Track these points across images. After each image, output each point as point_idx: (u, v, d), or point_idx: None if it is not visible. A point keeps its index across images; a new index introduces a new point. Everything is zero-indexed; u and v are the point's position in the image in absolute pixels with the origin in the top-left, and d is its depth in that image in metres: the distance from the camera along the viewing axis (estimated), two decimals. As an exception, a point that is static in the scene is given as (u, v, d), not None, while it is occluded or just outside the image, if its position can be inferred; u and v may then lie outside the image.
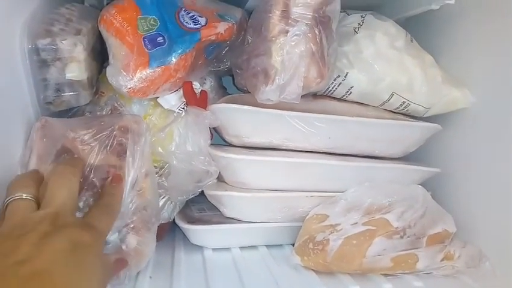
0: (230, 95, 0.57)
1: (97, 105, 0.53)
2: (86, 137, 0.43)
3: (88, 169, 0.42)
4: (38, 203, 0.34)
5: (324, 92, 0.56)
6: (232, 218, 0.54)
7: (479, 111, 0.54)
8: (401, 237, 0.48)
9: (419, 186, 0.53)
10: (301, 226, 0.52)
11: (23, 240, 0.29)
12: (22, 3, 0.44)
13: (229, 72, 0.58)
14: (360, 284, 0.47)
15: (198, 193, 0.52)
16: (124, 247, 0.42)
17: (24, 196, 0.33)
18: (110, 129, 0.44)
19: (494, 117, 0.52)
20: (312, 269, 0.49)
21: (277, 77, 0.45)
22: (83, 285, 0.30)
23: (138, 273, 0.47)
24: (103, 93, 0.53)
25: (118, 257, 0.42)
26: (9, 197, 0.34)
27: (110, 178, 0.41)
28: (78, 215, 0.40)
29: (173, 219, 0.55)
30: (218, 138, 0.56)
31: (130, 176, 0.42)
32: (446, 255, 0.49)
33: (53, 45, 0.46)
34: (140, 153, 0.44)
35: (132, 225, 0.43)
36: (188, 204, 0.60)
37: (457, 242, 0.51)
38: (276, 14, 0.46)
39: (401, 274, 0.48)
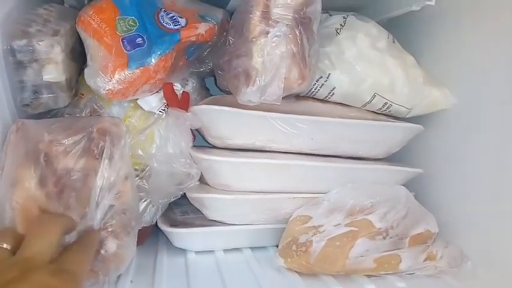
0: (213, 97, 0.56)
1: (76, 107, 0.52)
2: (63, 140, 0.43)
3: (65, 172, 0.42)
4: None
5: (306, 94, 0.56)
6: (215, 221, 0.53)
7: (460, 112, 0.55)
8: (384, 238, 0.48)
9: (402, 187, 0.53)
10: (285, 228, 0.52)
11: None
12: (-3, 3, 0.44)
13: (212, 74, 0.58)
14: (343, 285, 0.47)
15: (179, 196, 0.51)
16: (103, 252, 0.42)
17: (3, 245, 0.32)
18: (88, 131, 0.43)
19: (474, 117, 0.53)
20: (296, 271, 0.49)
21: (258, 78, 0.45)
22: None
23: (119, 277, 0.46)
24: (83, 95, 0.52)
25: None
26: None
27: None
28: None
29: (156, 222, 0.55)
30: (201, 140, 0.56)
31: (104, 178, 0.41)
32: (428, 256, 0.49)
33: (30, 47, 0.45)
34: (119, 156, 0.43)
35: (111, 229, 0.42)
36: (171, 207, 0.59)
37: (439, 242, 0.51)
38: (256, 14, 0.46)
39: (384, 275, 0.48)
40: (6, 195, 0.41)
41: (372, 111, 0.57)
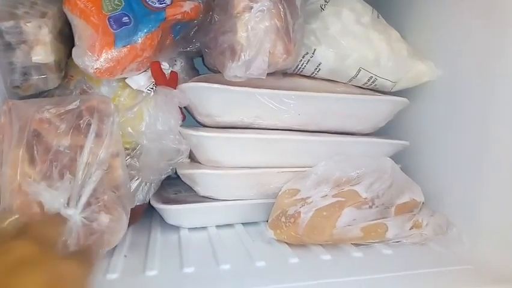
0: (202, 75, 0.57)
1: (66, 89, 0.53)
2: (53, 118, 0.44)
3: (55, 149, 0.43)
4: None
5: (294, 71, 0.57)
6: (206, 197, 0.54)
7: (444, 84, 0.55)
8: (370, 207, 0.49)
9: (388, 158, 0.54)
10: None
11: None
12: (-17, -15, 0.44)
13: (200, 54, 0.58)
14: (331, 254, 0.48)
15: (170, 172, 0.52)
16: (95, 225, 0.43)
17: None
18: (77, 109, 0.44)
19: (459, 88, 0.53)
20: (285, 242, 0.50)
21: (242, 53, 0.46)
22: None
23: (113, 252, 0.48)
24: (72, 76, 0.53)
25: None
26: None
27: None
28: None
29: (149, 201, 0.56)
30: (193, 122, 0.57)
31: (92, 154, 0.42)
32: (414, 224, 0.50)
33: (17, 28, 0.46)
34: (107, 133, 0.44)
35: (102, 204, 0.43)
36: (164, 186, 0.60)
37: (425, 210, 0.52)
38: (240, -10, 0.46)
39: (371, 243, 0.50)
40: (5, 175, 0.42)
41: (359, 87, 0.58)
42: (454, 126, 0.54)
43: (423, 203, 0.53)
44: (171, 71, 0.54)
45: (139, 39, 0.47)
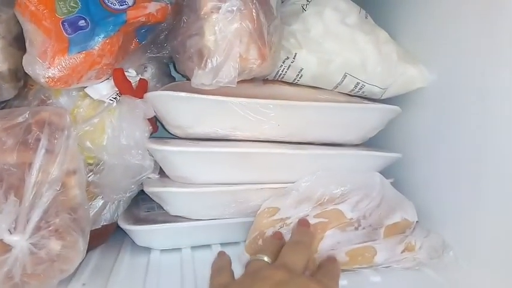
0: (173, 83, 0.52)
1: (25, 99, 0.49)
2: (-1, 133, 0.39)
3: (1, 168, 0.38)
4: None
5: (274, 77, 0.52)
6: (179, 216, 0.49)
7: (439, 91, 0.50)
8: (356, 228, 0.44)
9: (377, 173, 0.49)
10: (254, 221, 0.48)
11: (257, 285, 0.32)
12: None
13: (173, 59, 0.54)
14: (312, 282, 0.43)
15: (135, 190, 0.47)
16: (43, 254, 0.38)
17: (264, 259, 0.37)
18: (25, 123, 0.40)
19: (454, 96, 0.48)
20: (263, 267, 0.45)
21: (210, 59, 0.41)
22: None
23: (70, 279, 0.43)
24: (32, 86, 0.49)
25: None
26: (251, 258, 0.38)
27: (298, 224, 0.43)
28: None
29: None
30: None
31: (42, 172, 0.38)
32: (406, 247, 0.45)
33: (-38, 33, 0.42)
34: (61, 149, 0.40)
35: (53, 228, 0.39)
36: (137, 201, 0.56)
37: (419, 231, 0.47)
38: (208, -11, 0.42)
39: (357, 269, 0.44)
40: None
41: (345, 94, 0.53)
42: (449, 137, 0.49)
43: (416, 222, 0.48)
44: (140, 79, 0.49)
45: (97, 44, 0.42)
